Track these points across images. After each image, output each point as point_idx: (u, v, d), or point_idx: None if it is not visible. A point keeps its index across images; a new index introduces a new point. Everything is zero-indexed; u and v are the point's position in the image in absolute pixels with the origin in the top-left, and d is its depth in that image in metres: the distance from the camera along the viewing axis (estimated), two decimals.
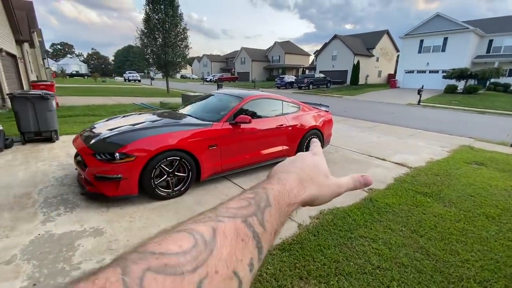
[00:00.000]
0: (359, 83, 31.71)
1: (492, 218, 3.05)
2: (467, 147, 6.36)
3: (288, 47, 48.90)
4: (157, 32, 16.83)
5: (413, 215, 3.04)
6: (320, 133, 4.87)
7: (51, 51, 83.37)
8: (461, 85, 22.70)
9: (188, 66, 73.68)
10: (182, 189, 3.24)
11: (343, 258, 2.24)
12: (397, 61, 35.18)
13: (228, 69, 58.17)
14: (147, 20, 16.61)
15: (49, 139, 5.30)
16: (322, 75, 30.58)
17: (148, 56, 17.59)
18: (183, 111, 4.36)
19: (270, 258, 2.20)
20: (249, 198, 0.32)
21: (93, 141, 3.01)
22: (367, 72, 34.64)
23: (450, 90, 22.83)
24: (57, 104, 9.59)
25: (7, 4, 10.59)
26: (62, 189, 3.27)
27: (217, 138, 3.45)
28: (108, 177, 2.81)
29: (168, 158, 3.05)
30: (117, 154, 2.79)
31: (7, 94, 4.72)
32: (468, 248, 2.46)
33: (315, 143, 0.51)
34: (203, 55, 67.91)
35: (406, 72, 30.01)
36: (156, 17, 16.67)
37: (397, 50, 37.26)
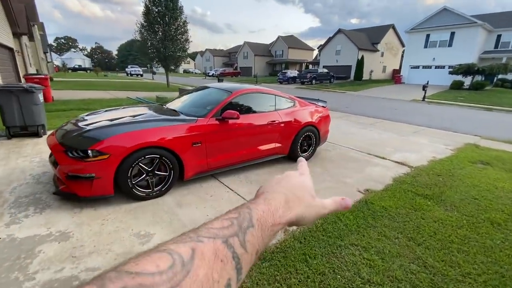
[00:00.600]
0: (363, 78, 31.15)
1: (498, 224, 2.80)
2: (472, 146, 6.06)
3: (291, 41, 48.20)
4: (156, 26, 16.54)
5: (411, 220, 2.80)
6: (316, 129, 4.62)
7: (55, 45, 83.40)
8: (467, 81, 22.09)
9: (191, 61, 73.32)
10: (163, 189, 3.04)
11: (330, 270, 2.02)
12: (402, 56, 34.44)
13: (231, 64, 57.67)
14: (146, 13, 16.33)
15: (36, 134, 5.13)
16: (325, 70, 30.07)
17: (149, 50, 17.28)
18: (171, 105, 4.13)
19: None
20: (232, 218, 0.32)
21: (65, 137, 2.81)
22: (372, 67, 34.00)
23: (456, 86, 22.24)
24: (52, 98, 9.46)
25: None
26: (37, 188, 3.09)
27: (202, 134, 3.22)
28: (81, 176, 2.61)
29: (146, 156, 2.84)
30: (89, 151, 2.59)
31: None
32: (470, 259, 2.22)
33: (302, 162, 0.51)
34: (206, 49, 67.40)
35: (411, 68, 29.36)
36: (156, 10, 16.38)
37: (403, 45, 36.48)
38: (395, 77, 30.29)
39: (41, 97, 5.11)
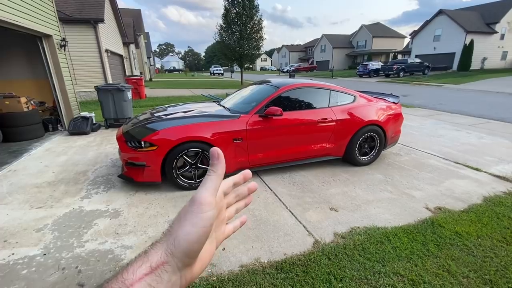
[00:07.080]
0: (471, 68, 25.28)
1: None
2: None
3: (376, 30, 43.23)
4: (234, 26, 17.54)
5: (497, 256, 2.06)
6: (381, 129, 3.97)
7: (158, 50, 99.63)
8: None
9: (268, 58, 75.20)
10: None
11: None
12: None
13: (307, 59, 56.26)
14: (225, 15, 17.50)
15: None
16: (417, 60, 25.74)
17: (227, 50, 18.48)
18: (223, 101, 4.28)
19: (260, 277, 1.85)
20: None
21: (126, 130, 3.26)
22: (485, 53, 27.20)
23: None
24: (145, 95, 11.28)
25: (117, 15, 12.97)
26: (111, 170, 3.72)
27: (243, 131, 3.20)
28: (135, 163, 2.99)
29: (190, 150, 3.01)
30: (142, 142, 2.92)
31: (94, 87, 5.73)
32: None
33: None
34: (282, 45, 67.64)
35: None
36: (234, 11, 17.36)
37: None
38: None
39: (129, 94, 6.13)
